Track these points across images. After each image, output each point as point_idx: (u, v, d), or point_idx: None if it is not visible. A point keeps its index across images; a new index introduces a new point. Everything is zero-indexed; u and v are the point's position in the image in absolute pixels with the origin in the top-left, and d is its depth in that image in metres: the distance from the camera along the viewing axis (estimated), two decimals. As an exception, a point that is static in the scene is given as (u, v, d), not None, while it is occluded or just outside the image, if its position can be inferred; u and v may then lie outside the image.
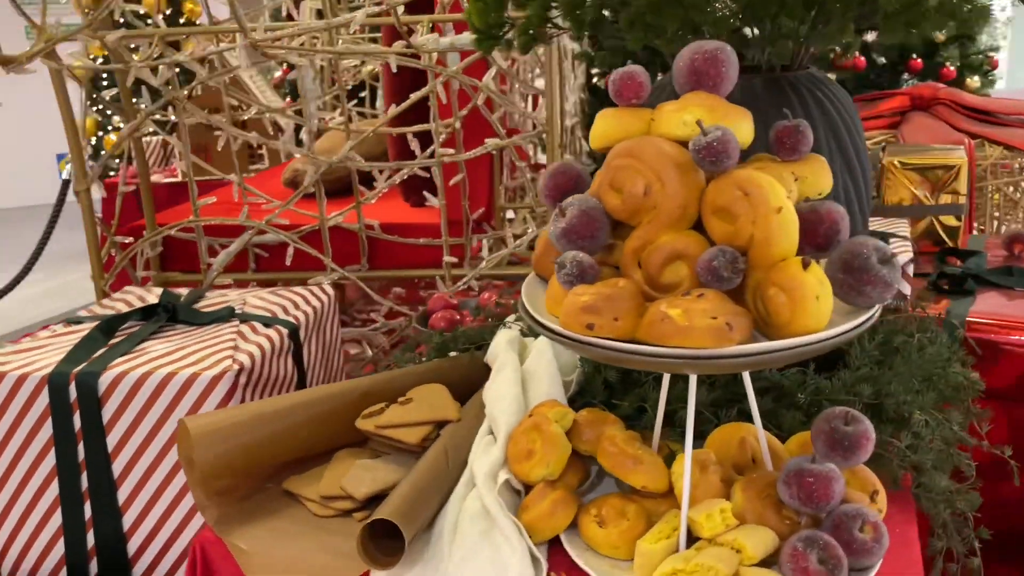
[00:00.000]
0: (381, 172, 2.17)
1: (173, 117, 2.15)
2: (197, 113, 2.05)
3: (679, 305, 0.77)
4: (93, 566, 1.45)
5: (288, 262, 2.08)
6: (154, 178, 3.83)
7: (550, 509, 0.99)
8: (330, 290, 1.77)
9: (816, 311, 0.77)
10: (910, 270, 1.65)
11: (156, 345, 1.48)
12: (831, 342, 0.77)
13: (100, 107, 4.97)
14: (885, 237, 1.72)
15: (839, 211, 0.85)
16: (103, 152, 2.13)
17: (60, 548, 1.45)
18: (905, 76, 4.03)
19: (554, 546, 1.00)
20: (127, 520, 1.42)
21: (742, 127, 0.85)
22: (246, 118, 2.85)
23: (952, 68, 3.56)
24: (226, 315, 1.56)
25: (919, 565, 0.96)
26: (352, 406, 1.23)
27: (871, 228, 1.83)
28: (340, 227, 2.20)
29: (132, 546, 1.43)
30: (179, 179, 3.63)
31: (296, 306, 1.65)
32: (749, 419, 1.10)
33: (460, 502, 1.05)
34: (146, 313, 1.59)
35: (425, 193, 2.07)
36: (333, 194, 2.67)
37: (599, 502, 1.01)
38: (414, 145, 2.11)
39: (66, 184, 3.20)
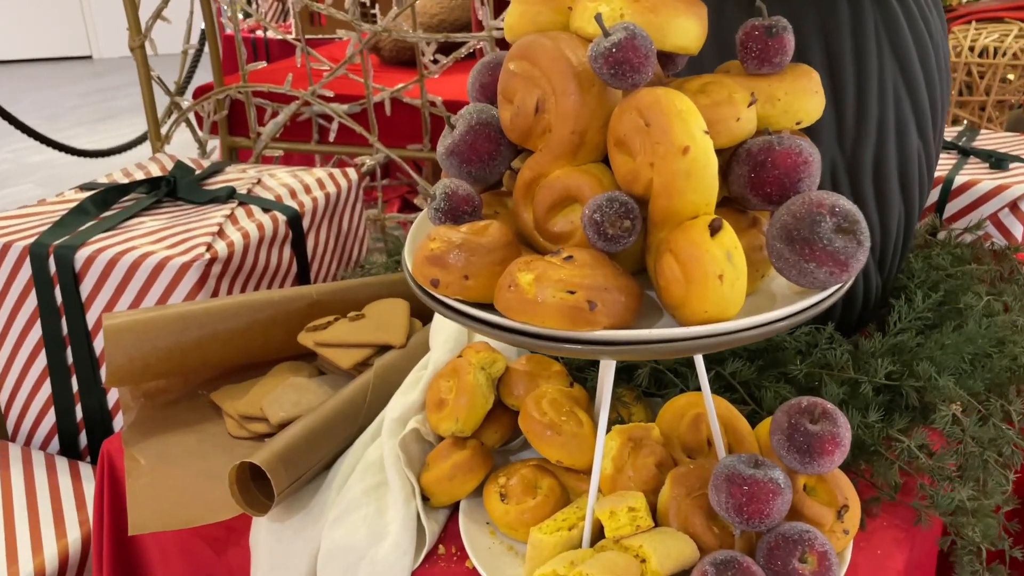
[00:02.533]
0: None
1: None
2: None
3: (536, 268, 0.58)
4: (83, 438, 1.45)
5: (332, 137, 1.95)
6: (269, 34, 3.79)
7: (450, 472, 0.85)
8: (354, 174, 1.63)
9: (717, 294, 0.56)
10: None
11: (146, 222, 1.40)
12: (726, 338, 0.56)
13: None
14: (1001, 161, 1.39)
15: (803, 151, 0.62)
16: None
17: (52, 416, 1.44)
18: None
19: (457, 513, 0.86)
20: (111, 397, 1.39)
21: (677, 26, 0.62)
22: None
23: None
24: (224, 195, 1.45)
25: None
26: (298, 315, 1.11)
27: (990, 139, 1.50)
28: (403, 103, 2.04)
29: (118, 423, 1.41)
30: (292, 35, 3.55)
31: (307, 189, 1.53)
32: (730, 388, 0.90)
33: (363, 448, 0.92)
34: (152, 185, 1.51)
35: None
36: (406, 64, 2.50)
37: (511, 470, 0.86)
38: (482, 15, 1.90)
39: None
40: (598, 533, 0.78)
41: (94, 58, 8.25)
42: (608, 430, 0.84)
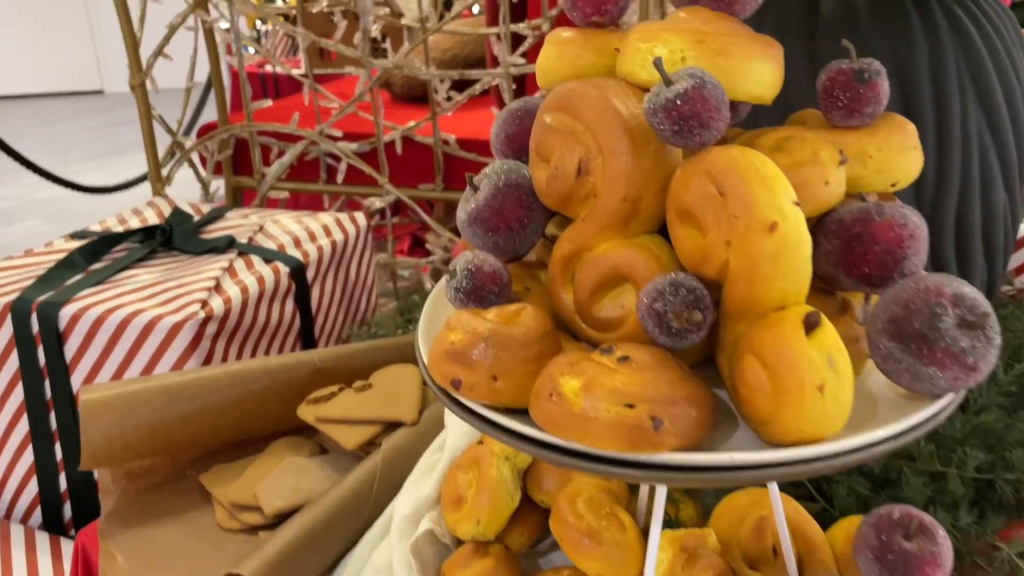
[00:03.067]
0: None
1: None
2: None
3: (583, 373, 0.46)
4: (68, 509, 1.33)
5: (340, 178, 1.84)
6: (277, 69, 3.71)
7: (470, 583, 0.72)
8: (362, 219, 1.52)
9: (817, 409, 0.44)
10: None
11: (139, 275, 1.29)
12: (824, 464, 0.44)
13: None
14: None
15: (908, 221, 0.50)
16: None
17: (34, 486, 1.33)
18: None
19: (477, 628, 0.74)
20: (98, 466, 1.27)
21: (751, 71, 0.51)
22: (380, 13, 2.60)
23: None
24: (223, 245, 1.35)
25: None
26: (298, 384, 0.99)
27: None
28: (414, 141, 1.94)
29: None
30: (302, 71, 3.47)
31: (312, 237, 1.42)
32: (796, 483, 0.78)
33: (370, 548, 0.79)
34: (147, 234, 1.40)
35: (492, 108, 1.76)
36: (419, 100, 2.41)
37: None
38: (497, 50, 1.80)
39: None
40: (648, 665, 0.65)
41: (105, 92, 8.24)
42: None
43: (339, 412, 0.95)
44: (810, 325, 0.44)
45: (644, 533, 0.72)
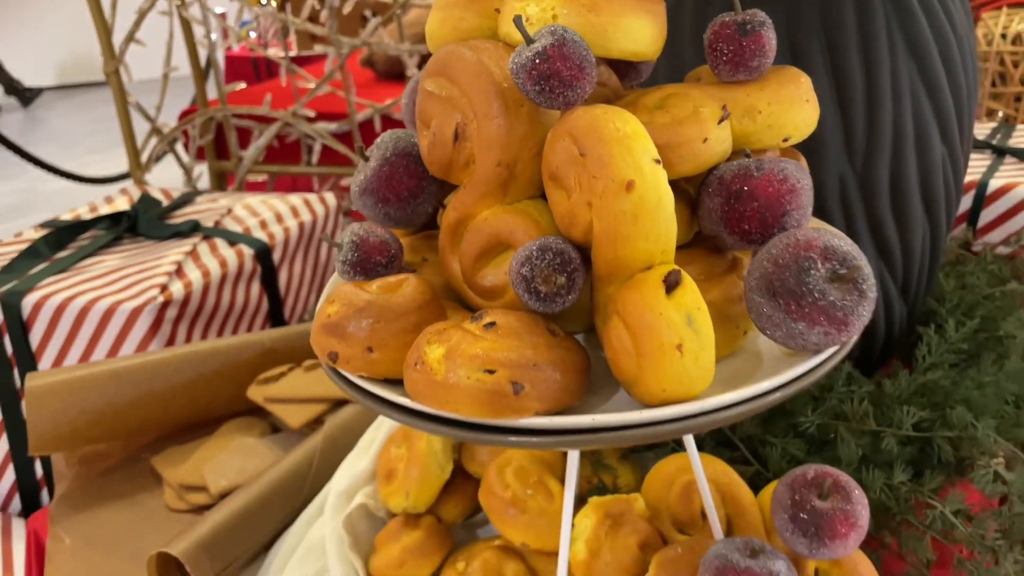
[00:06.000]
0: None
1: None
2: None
3: (448, 340, 0.46)
4: (46, 495, 1.35)
5: (315, 159, 1.84)
6: (269, 51, 3.70)
7: (400, 557, 0.72)
8: (332, 199, 1.52)
9: (677, 368, 0.43)
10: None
11: (103, 262, 1.30)
12: (691, 422, 0.44)
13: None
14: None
15: (788, 176, 0.49)
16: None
17: (12, 473, 1.34)
18: None
19: (411, 601, 0.74)
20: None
21: (625, 27, 0.50)
22: None
23: None
24: (187, 229, 1.35)
25: None
26: (248, 366, 1.00)
27: (1017, 143, 1.35)
28: (393, 119, 1.93)
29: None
30: (294, 52, 3.45)
31: (279, 219, 1.42)
32: (729, 445, 0.77)
33: (306, 526, 0.80)
34: (112, 221, 1.41)
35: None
36: (401, 78, 2.39)
37: (472, 552, 0.73)
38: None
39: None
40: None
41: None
42: (584, 502, 0.71)
43: (287, 391, 0.95)
44: (670, 284, 0.43)
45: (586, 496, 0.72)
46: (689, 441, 0.63)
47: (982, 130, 1.44)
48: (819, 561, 0.65)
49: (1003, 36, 2.03)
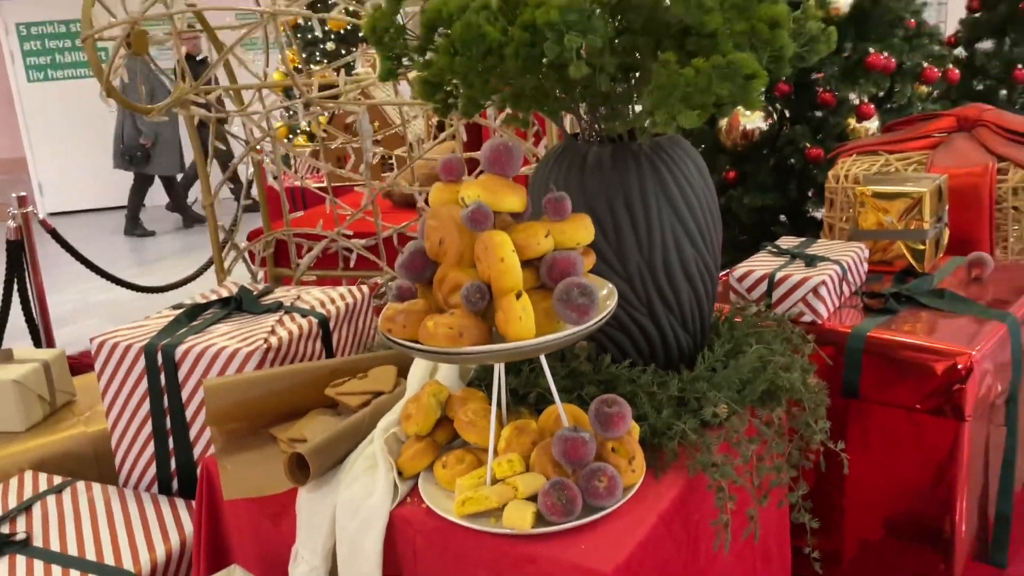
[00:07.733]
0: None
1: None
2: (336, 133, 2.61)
3: (436, 319, 1.20)
4: (175, 484, 2.04)
5: (352, 264, 2.60)
6: (306, 183, 4.56)
7: (412, 454, 1.44)
8: (365, 290, 2.27)
9: (520, 326, 1.17)
10: (823, 292, 1.93)
11: (222, 327, 2.04)
12: (524, 349, 1.17)
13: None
14: (813, 260, 2.01)
15: (570, 258, 1.24)
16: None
17: (154, 469, 2.05)
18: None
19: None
20: (196, 451, 1.99)
21: (507, 199, 1.26)
22: (379, 137, 3.43)
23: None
24: (275, 307, 2.10)
25: (654, 514, 1.31)
26: (324, 379, 1.72)
27: (824, 246, 2.11)
28: (407, 236, 2.70)
29: (200, 471, 2.00)
30: (324, 184, 4.25)
31: (332, 301, 2.17)
32: (581, 401, 1.49)
33: (364, 447, 1.51)
34: (224, 303, 2.16)
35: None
36: (412, 206, 3.19)
37: (449, 453, 1.45)
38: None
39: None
40: (495, 479, 1.35)
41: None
42: (505, 424, 1.43)
43: (348, 389, 1.67)
44: (518, 295, 1.18)
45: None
46: (543, 360, 1.35)
47: (790, 241, 2.21)
48: (612, 441, 1.36)
49: (845, 177, 2.83)
